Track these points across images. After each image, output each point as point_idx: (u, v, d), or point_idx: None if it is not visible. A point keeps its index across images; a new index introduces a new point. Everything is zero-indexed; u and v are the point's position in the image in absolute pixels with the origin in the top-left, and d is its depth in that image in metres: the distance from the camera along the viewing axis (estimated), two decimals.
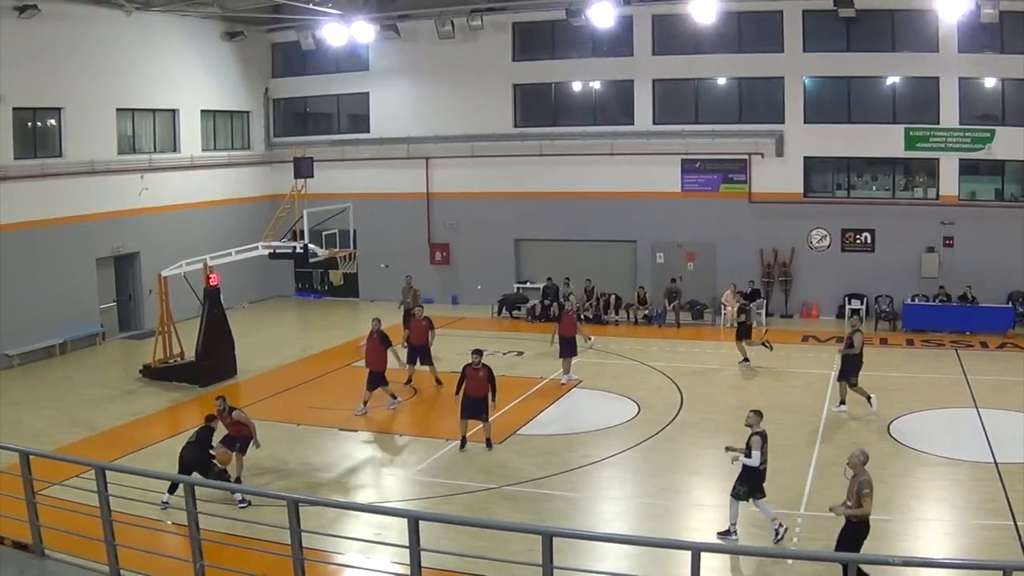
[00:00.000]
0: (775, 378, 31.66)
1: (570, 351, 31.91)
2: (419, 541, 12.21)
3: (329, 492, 22.78)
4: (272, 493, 18.01)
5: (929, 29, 38.49)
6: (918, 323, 38.10)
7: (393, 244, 46.20)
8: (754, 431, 19.23)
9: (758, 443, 19.05)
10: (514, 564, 15.32)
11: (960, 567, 13.01)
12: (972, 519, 19.72)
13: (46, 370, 34.76)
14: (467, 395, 24.91)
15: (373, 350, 28.65)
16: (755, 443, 19.04)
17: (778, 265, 41.57)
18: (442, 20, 42.83)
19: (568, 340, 31.89)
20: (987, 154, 38.83)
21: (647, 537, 18.47)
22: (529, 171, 44.37)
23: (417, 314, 32.62)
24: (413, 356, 31.72)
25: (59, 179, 36.89)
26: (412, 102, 46.27)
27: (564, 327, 32.11)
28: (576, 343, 31.97)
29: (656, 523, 20.36)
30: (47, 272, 36.20)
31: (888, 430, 25.63)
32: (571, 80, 44.63)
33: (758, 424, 19.38)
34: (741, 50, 41.41)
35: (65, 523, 15.50)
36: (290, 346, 37.93)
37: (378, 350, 28.54)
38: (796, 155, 41.01)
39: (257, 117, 48.26)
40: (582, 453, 24.67)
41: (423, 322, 32.00)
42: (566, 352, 31.90)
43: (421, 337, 31.75)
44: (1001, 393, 28.95)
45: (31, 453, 15.21)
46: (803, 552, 18.23)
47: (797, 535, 19.20)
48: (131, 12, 38.85)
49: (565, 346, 31.90)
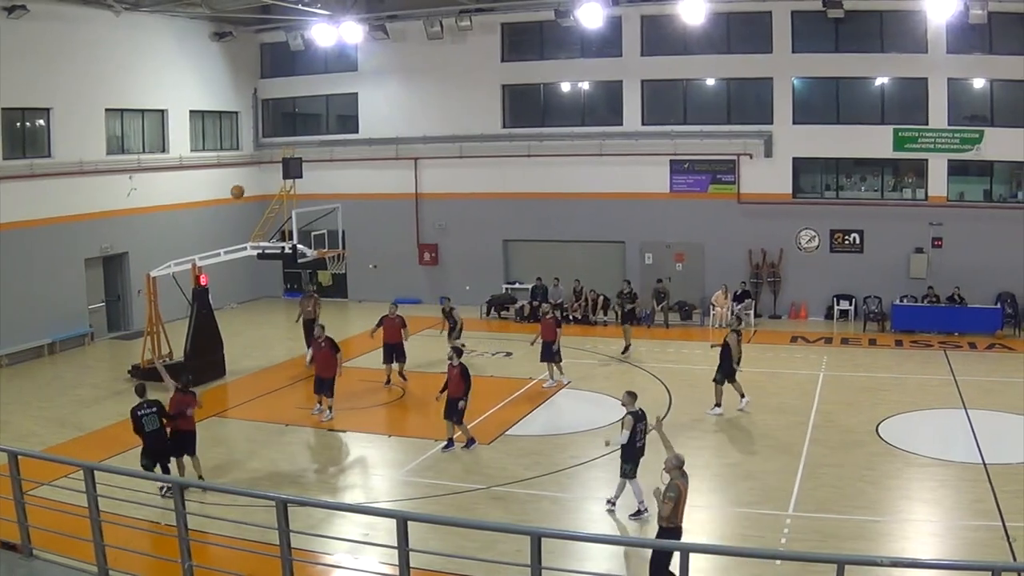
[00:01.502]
0: (764, 379, 31.67)
1: (548, 356, 31.83)
2: (407, 541, 12.20)
3: (317, 492, 22.80)
4: (260, 493, 17.96)
5: (918, 30, 38.59)
6: (907, 324, 38.16)
7: (382, 245, 46.18)
8: (628, 411, 20.17)
9: (629, 423, 20.00)
10: (502, 564, 15.32)
11: (949, 568, 13.02)
12: (961, 520, 19.75)
13: (35, 370, 34.69)
14: (448, 396, 24.96)
15: (322, 358, 28.37)
16: (627, 423, 20.06)
17: (767, 266, 41.60)
18: (431, 21, 42.80)
19: (547, 345, 31.81)
20: (976, 155, 38.90)
21: (635, 538, 18.50)
22: (518, 172, 44.38)
23: (391, 312, 32.50)
24: (389, 354, 31.87)
25: (48, 179, 36.83)
26: (401, 103, 46.25)
27: (543, 332, 32.10)
28: (554, 348, 31.71)
29: (644, 524, 20.34)
30: (36, 272, 36.17)
31: (877, 431, 25.67)
32: (560, 81, 44.64)
33: (632, 404, 20.31)
34: (730, 51, 41.45)
35: (53, 523, 15.47)
36: (278, 346, 37.88)
37: (327, 357, 28.32)
38: (785, 156, 41.05)
39: (246, 117, 48.22)
40: (570, 454, 24.67)
41: (396, 320, 31.99)
42: (545, 357, 31.87)
43: (395, 335, 31.81)
44: (990, 394, 29.04)
45: (20, 453, 15.18)
46: (791, 553, 18.23)
47: (786, 536, 19.22)
48: (120, 12, 38.77)
49: (544, 351, 31.89)
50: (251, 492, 19.27)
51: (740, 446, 25.21)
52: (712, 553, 17.55)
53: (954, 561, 16.03)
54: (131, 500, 15.11)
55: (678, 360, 34.47)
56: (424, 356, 33.86)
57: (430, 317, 37.72)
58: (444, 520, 17.87)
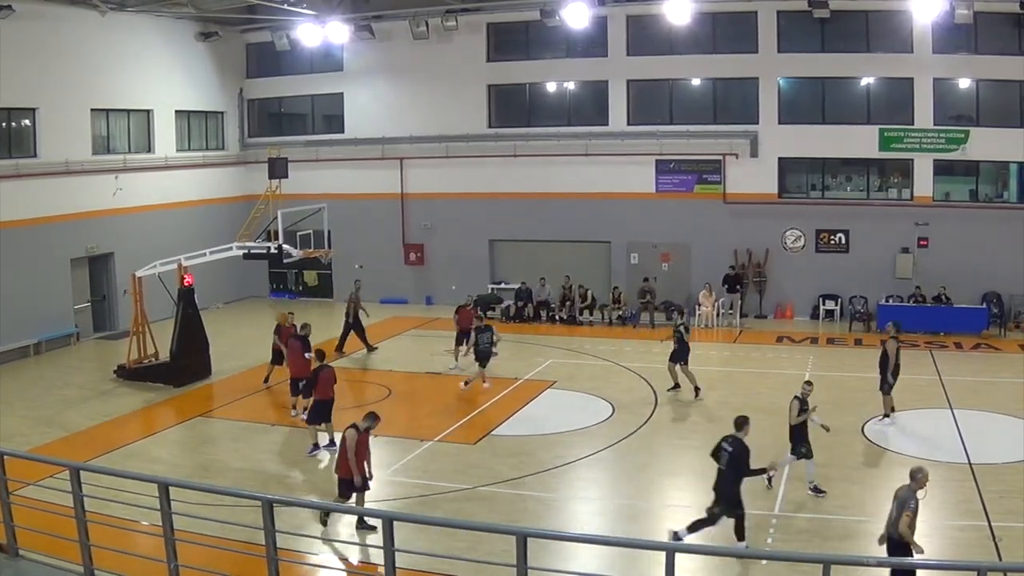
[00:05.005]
0: (750, 379, 31.71)
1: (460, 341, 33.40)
2: (393, 541, 12.19)
3: (304, 492, 22.79)
4: (247, 493, 17.92)
5: (904, 30, 38.68)
6: None
7: (367, 245, 46.10)
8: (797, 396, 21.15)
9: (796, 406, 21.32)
10: (488, 564, 15.31)
11: (935, 568, 13.06)
12: (947, 520, 19.76)
13: (20, 370, 34.58)
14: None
15: (293, 356, 28.26)
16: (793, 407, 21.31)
17: (753, 266, 41.65)
18: (416, 21, 42.76)
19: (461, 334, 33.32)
20: (961, 155, 39.01)
21: (621, 538, 18.48)
22: (503, 172, 44.37)
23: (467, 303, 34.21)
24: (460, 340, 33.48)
25: (33, 179, 36.73)
26: (387, 103, 46.22)
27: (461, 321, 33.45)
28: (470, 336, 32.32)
29: (630, 523, 20.39)
30: (21, 272, 36.07)
31: (863, 431, 25.72)
32: (546, 81, 44.66)
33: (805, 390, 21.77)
34: (716, 51, 41.50)
35: (39, 523, 15.43)
36: (264, 347, 37.58)
37: (298, 356, 27.99)
38: (771, 156, 41.12)
39: (231, 117, 48.12)
40: (556, 454, 24.67)
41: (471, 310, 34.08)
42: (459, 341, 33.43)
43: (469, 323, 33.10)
44: (976, 394, 29.11)
45: (5, 453, 15.12)
46: (777, 553, 18.27)
47: (772, 536, 19.24)
48: (105, 12, 38.71)
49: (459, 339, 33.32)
50: (237, 492, 19.25)
51: None
52: (698, 553, 17.56)
53: (940, 561, 16.05)
54: (117, 500, 15.07)
55: (664, 360, 34.42)
56: (411, 356, 33.85)
57: (417, 317, 37.66)
58: (430, 520, 17.85)
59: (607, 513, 21.27)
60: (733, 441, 18.68)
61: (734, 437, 18.78)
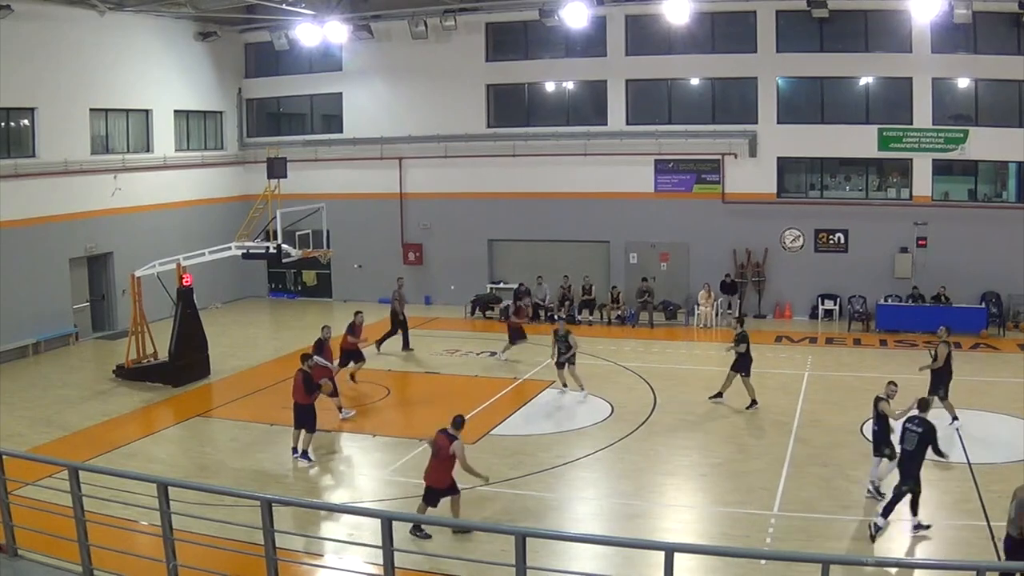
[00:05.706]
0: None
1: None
2: (392, 541, 12.19)
3: (302, 492, 22.75)
4: (245, 493, 17.91)
5: (902, 29, 38.67)
6: (891, 323, 38.19)
7: (366, 244, 46.10)
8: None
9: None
10: (487, 564, 15.32)
11: (934, 567, 13.07)
12: (946, 519, 19.76)
13: (19, 370, 34.54)
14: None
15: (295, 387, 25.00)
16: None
17: (751, 265, 41.64)
18: (415, 20, 42.75)
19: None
20: (960, 154, 39.01)
21: (620, 537, 18.49)
22: (502, 172, 44.36)
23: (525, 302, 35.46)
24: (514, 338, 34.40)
25: (32, 179, 36.70)
26: (385, 102, 46.20)
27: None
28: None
29: (629, 523, 20.36)
30: (20, 272, 36.02)
31: (861, 431, 25.66)
32: (544, 80, 44.64)
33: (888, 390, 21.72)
34: (714, 50, 41.48)
35: (38, 523, 15.44)
36: (263, 346, 37.83)
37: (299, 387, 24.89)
38: (769, 155, 41.10)
39: (230, 117, 48.08)
40: (555, 453, 24.66)
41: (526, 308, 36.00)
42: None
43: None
44: (974, 394, 29.03)
45: (4, 453, 15.12)
46: (776, 552, 18.25)
47: (770, 535, 19.23)
48: (104, 12, 38.69)
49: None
50: (236, 492, 19.23)
51: (725, 445, 25.18)
52: (697, 553, 17.53)
53: (939, 561, 16.07)
54: (116, 500, 15.07)
55: (663, 360, 34.46)
56: (410, 356, 33.83)
57: (416, 317, 37.65)
58: (429, 520, 17.86)
59: (606, 513, 21.24)
60: (921, 422, 18.96)
61: (920, 418, 19.07)
